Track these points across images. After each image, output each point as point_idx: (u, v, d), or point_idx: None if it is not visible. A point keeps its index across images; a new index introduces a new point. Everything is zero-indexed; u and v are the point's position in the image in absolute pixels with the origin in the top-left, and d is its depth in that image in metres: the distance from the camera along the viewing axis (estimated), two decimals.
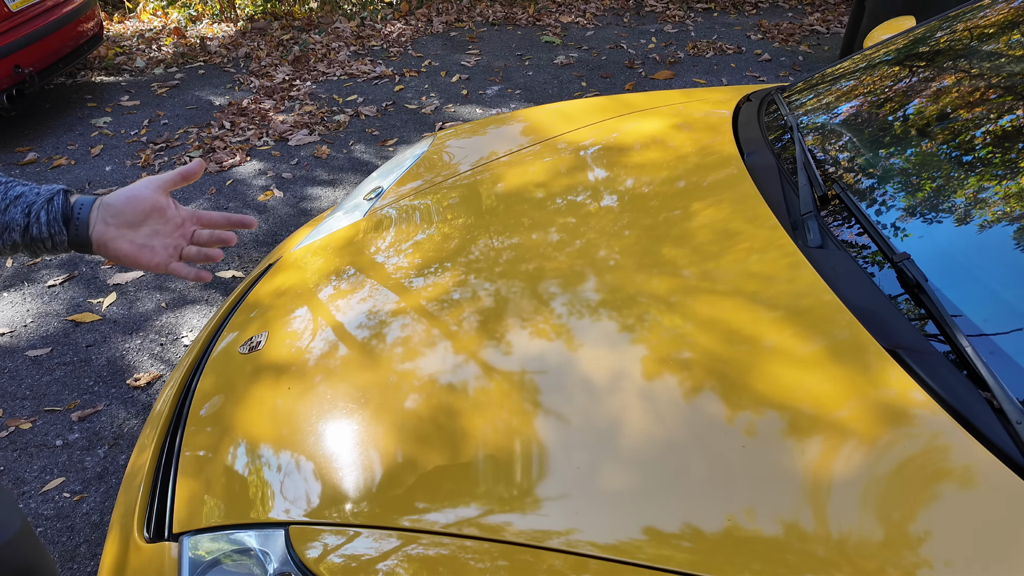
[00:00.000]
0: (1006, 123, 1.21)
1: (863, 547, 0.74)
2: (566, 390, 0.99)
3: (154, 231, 0.86)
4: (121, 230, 0.84)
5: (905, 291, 1.01)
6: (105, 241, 0.83)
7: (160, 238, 0.87)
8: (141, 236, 0.85)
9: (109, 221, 0.83)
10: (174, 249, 0.88)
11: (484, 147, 1.80)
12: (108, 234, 0.83)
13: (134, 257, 0.85)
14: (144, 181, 0.86)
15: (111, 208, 0.83)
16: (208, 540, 0.95)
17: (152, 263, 0.86)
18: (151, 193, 0.85)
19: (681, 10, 6.04)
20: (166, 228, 0.87)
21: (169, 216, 0.87)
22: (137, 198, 0.84)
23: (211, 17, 5.98)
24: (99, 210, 0.83)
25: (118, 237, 0.84)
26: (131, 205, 0.84)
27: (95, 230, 0.82)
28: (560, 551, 0.80)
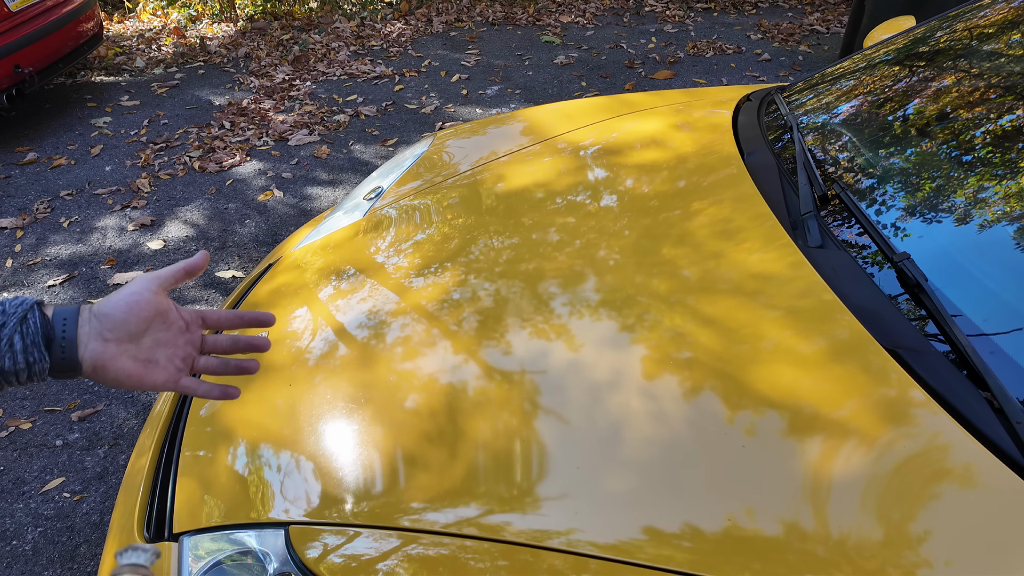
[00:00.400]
0: (1006, 123, 1.21)
1: (863, 547, 0.74)
2: (566, 390, 0.99)
3: (156, 341, 0.69)
4: (123, 345, 0.67)
5: (905, 291, 1.01)
6: (104, 362, 0.65)
7: (164, 349, 0.70)
8: (144, 350, 0.68)
9: (108, 336, 0.66)
10: (182, 362, 0.72)
11: (484, 147, 1.80)
12: (107, 353, 0.65)
13: (139, 378, 0.67)
14: (142, 280, 0.70)
15: (110, 320, 0.66)
16: (208, 540, 0.95)
17: (159, 381, 0.69)
18: (153, 295, 0.69)
19: (681, 10, 6.04)
20: (168, 336, 0.70)
21: (171, 321, 0.71)
22: (139, 304, 0.68)
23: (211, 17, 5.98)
24: (91, 323, 0.66)
25: (119, 355, 0.66)
26: (133, 313, 0.67)
27: (89, 350, 0.65)
28: (560, 551, 0.80)
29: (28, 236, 3.09)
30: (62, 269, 2.87)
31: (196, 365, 0.73)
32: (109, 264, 2.89)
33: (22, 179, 3.54)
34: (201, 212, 3.25)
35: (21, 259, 2.93)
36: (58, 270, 2.87)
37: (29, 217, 3.20)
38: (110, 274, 2.84)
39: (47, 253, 2.97)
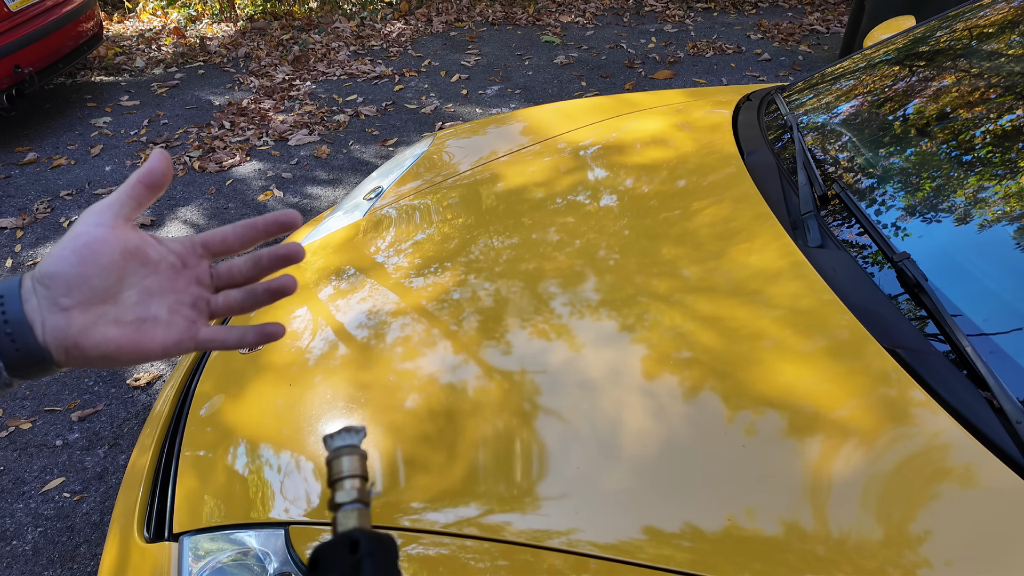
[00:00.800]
0: (1006, 123, 1.21)
1: (863, 547, 0.74)
2: (566, 390, 0.99)
3: (144, 292, 0.50)
4: (94, 309, 0.48)
5: (905, 291, 1.01)
6: (75, 338, 0.47)
7: (160, 299, 0.51)
8: (130, 308, 0.49)
9: (66, 303, 0.47)
10: (192, 309, 0.52)
11: (484, 147, 1.80)
12: (75, 325, 0.47)
13: (136, 346, 0.49)
14: (89, 215, 0.49)
15: (60, 280, 0.47)
16: (208, 540, 0.95)
17: (169, 343, 0.50)
18: (110, 231, 0.49)
19: (681, 10, 6.04)
20: (160, 280, 0.51)
21: (154, 259, 0.51)
22: (93, 248, 0.48)
23: (211, 17, 5.98)
24: (38, 293, 0.47)
25: (95, 323, 0.48)
26: (89, 262, 0.48)
27: (48, 329, 0.46)
28: (560, 551, 0.80)
29: (28, 236, 3.09)
30: None
31: (213, 307, 0.54)
32: None
33: (22, 179, 3.54)
34: (201, 212, 3.25)
35: (21, 259, 2.93)
36: None
37: (29, 217, 3.20)
38: None
39: (47, 253, 2.97)
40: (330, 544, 0.36)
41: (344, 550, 0.35)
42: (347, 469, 0.38)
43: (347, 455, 0.38)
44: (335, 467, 0.38)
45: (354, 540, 0.35)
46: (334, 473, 0.38)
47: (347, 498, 0.37)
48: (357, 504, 0.37)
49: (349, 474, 0.38)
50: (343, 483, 0.38)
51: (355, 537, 0.35)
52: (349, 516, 0.37)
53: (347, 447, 0.38)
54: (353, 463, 0.38)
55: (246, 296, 0.54)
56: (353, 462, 0.38)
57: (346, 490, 0.38)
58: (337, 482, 0.38)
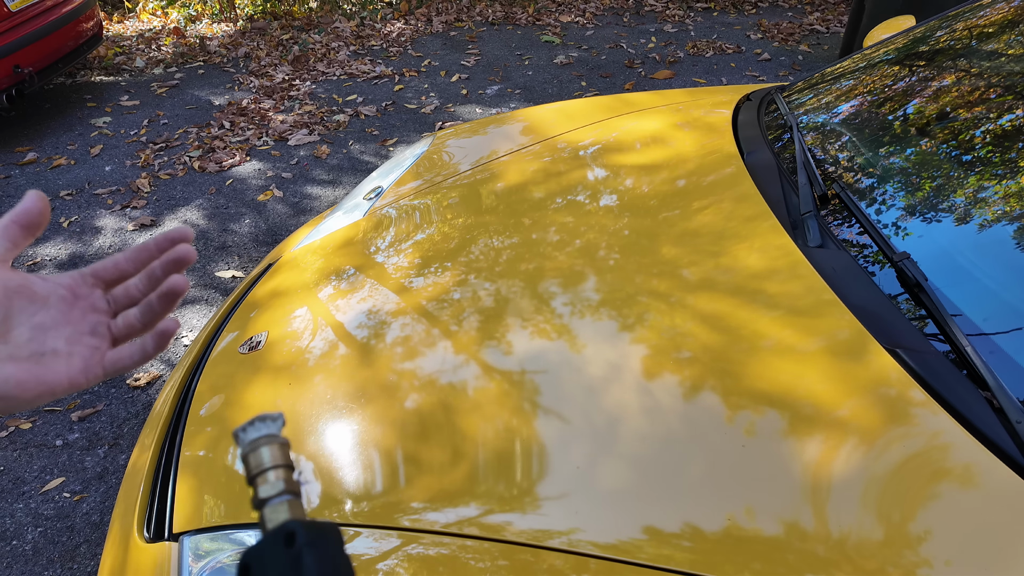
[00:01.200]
0: (1006, 123, 1.21)
1: (863, 546, 0.74)
2: (566, 390, 0.99)
3: (37, 328, 0.48)
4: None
5: (905, 290, 1.01)
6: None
7: (56, 332, 0.48)
8: (24, 345, 0.47)
9: None
10: (94, 336, 0.50)
11: (484, 147, 1.80)
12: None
13: (38, 381, 0.46)
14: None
15: None
16: (208, 540, 0.95)
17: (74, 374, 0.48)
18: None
19: (681, 10, 6.04)
20: (52, 314, 0.49)
21: (41, 295, 0.49)
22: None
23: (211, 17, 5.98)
24: None
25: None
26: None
27: None
28: (560, 551, 0.80)
29: None
30: (62, 269, 2.87)
31: (115, 331, 0.52)
32: None
33: (22, 179, 3.54)
34: (201, 212, 3.25)
35: (21, 259, 2.93)
36: (58, 270, 2.87)
37: None
38: None
39: (47, 253, 2.97)
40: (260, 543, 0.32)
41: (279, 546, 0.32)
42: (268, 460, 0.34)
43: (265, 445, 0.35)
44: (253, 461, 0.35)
45: (289, 532, 0.32)
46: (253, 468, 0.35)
47: (273, 491, 0.34)
48: (285, 495, 0.34)
49: (271, 465, 0.34)
50: (266, 476, 0.34)
51: (290, 528, 0.32)
52: (278, 510, 0.33)
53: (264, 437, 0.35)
54: (274, 453, 0.35)
55: (142, 310, 0.52)
56: (274, 452, 0.35)
57: (270, 483, 0.34)
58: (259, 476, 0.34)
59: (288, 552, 0.31)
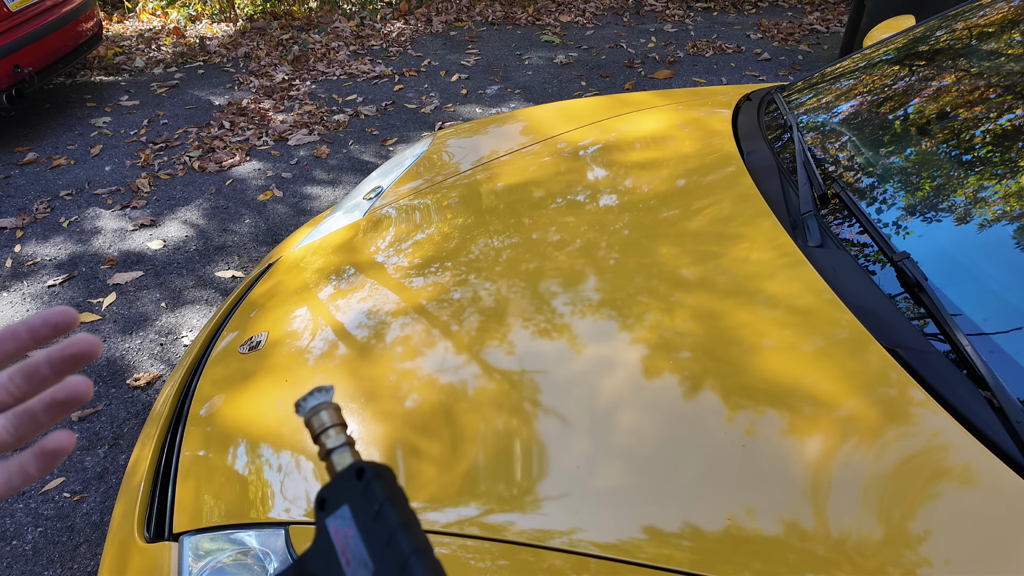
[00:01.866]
0: (1005, 122, 1.21)
1: (863, 546, 0.74)
2: (566, 389, 0.99)
3: None
4: None
5: (905, 290, 1.01)
6: None
7: None
8: None
9: None
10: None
11: (484, 146, 1.80)
12: None
13: None
14: None
15: None
16: (208, 540, 0.95)
17: None
18: None
19: (680, 9, 6.04)
20: None
21: None
22: None
23: (210, 17, 5.98)
24: None
25: None
26: None
27: None
28: (561, 550, 0.80)
29: (28, 236, 3.09)
30: (62, 269, 2.87)
31: None
32: (109, 264, 2.89)
33: (22, 179, 3.54)
34: (201, 212, 3.25)
35: (21, 259, 2.93)
36: (58, 270, 2.86)
37: (29, 217, 3.20)
38: (110, 274, 2.84)
39: (47, 253, 2.97)
40: (335, 480, 0.38)
41: (351, 480, 0.37)
42: (328, 420, 0.40)
43: (324, 410, 0.41)
44: (316, 423, 0.40)
45: (359, 468, 0.37)
46: (316, 428, 0.40)
47: (336, 443, 0.40)
48: (346, 446, 0.40)
49: (331, 424, 0.40)
50: (328, 432, 0.40)
51: (359, 466, 0.38)
52: (343, 455, 0.39)
53: (321, 403, 0.41)
54: (332, 415, 0.41)
55: (17, 421, 0.38)
56: (331, 414, 0.41)
57: (332, 437, 0.40)
58: (322, 433, 0.40)
59: (359, 483, 0.37)
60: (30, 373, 0.38)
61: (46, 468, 0.38)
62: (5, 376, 0.38)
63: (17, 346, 0.39)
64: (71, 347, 0.38)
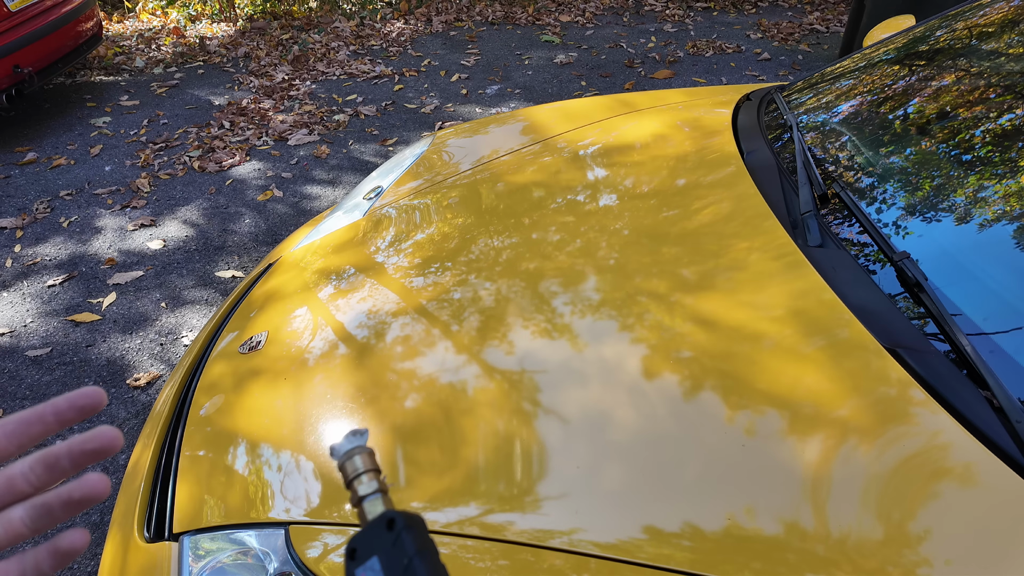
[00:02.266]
0: (1005, 122, 1.21)
1: (863, 546, 0.74)
2: (566, 389, 0.99)
3: None
4: None
5: (905, 290, 1.01)
6: None
7: None
8: None
9: None
10: None
11: (484, 146, 1.80)
12: None
13: None
14: None
15: None
16: (208, 540, 0.95)
17: None
18: None
19: (680, 9, 6.04)
20: None
21: None
22: None
23: (210, 17, 5.98)
24: None
25: None
26: None
27: None
28: (561, 550, 0.80)
29: (28, 236, 3.09)
30: (62, 269, 2.87)
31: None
32: (109, 264, 2.89)
33: (22, 179, 3.54)
34: (201, 212, 3.25)
35: (21, 259, 2.93)
36: (58, 270, 2.87)
37: (29, 217, 3.20)
38: (110, 274, 2.84)
39: (47, 253, 2.97)
40: (366, 530, 0.38)
41: (382, 530, 0.37)
42: (362, 466, 0.40)
43: (358, 454, 0.41)
44: (349, 467, 0.40)
45: (390, 519, 0.37)
46: (349, 473, 0.40)
47: (368, 490, 0.40)
48: (379, 493, 0.40)
49: (365, 470, 0.40)
50: (360, 479, 0.40)
51: (390, 516, 0.37)
52: (375, 503, 0.39)
53: (355, 448, 0.41)
54: (365, 460, 0.41)
55: (34, 513, 0.36)
56: (365, 459, 0.41)
57: (365, 483, 0.40)
58: (355, 479, 0.40)
59: (390, 534, 0.37)
60: (51, 464, 0.38)
61: (60, 565, 0.37)
62: (27, 465, 0.38)
63: (42, 430, 0.39)
64: (92, 442, 0.37)
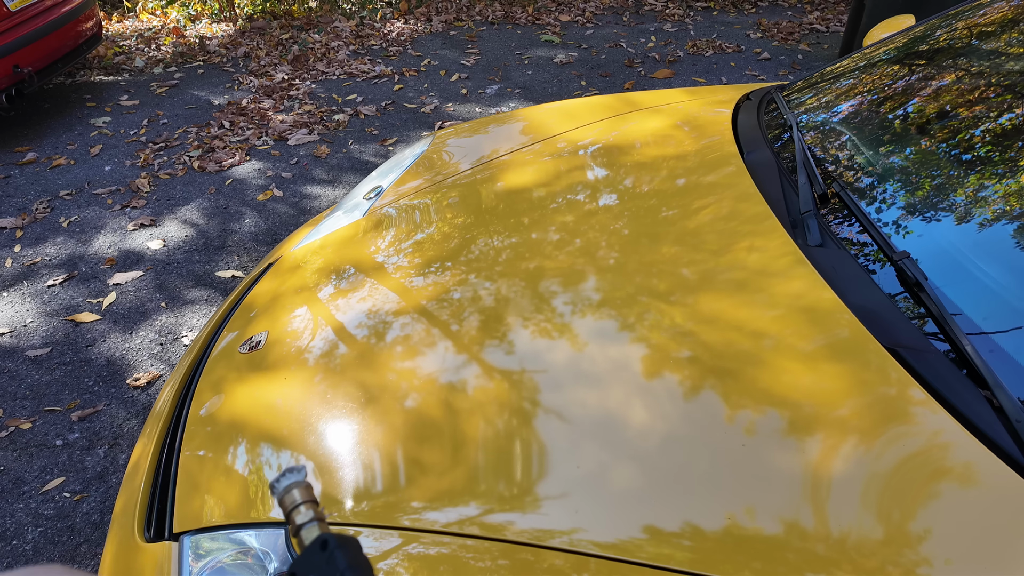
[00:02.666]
0: (1005, 122, 1.21)
1: (863, 545, 0.74)
2: (566, 389, 0.99)
3: None
4: None
5: (905, 290, 1.01)
6: None
7: None
8: None
9: None
10: None
11: (484, 146, 1.80)
12: None
13: None
14: None
15: None
16: (208, 540, 0.95)
17: None
18: None
19: (680, 9, 6.04)
20: None
21: None
22: None
23: (210, 16, 5.98)
24: None
25: None
26: None
27: None
28: (561, 550, 0.80)
29: (28, 236, 3.09)
30: (62, 269, 2.87)
31: None
32: (109, 264, 2.89)
33: (22, 179, 3.54)
34: (201, 212, 3.25)
35: (21, 259, 2.93)
36: (58, 270, 2.86)
37: (29, 217, 3.20)
38: (110, 274, 2.83)
39: (47, 253, 2.97)
40: (304, 554, 0.41)
41: (316, 552, 0.40)
42: (299, 498, 0.44)
43: (295, 488, 0.44)
44: (288, 500, 0.44)
45: (323, 540, 0.41)
46: (288, 506, 0.44)
47: (305, 519, 0.43)
48: (315, 520, 0.43)
49: (301, 501, 0.44)
50: (298, 509, 0.44)
51: (323, 538, 0.41)
52: (311, 530, 0.43)
53: (293, 483, 0.45)
54: (302, 492, 0.44)
55: None
56: (301, 491, 0.44)
57: (302, 513, 0.44)
58: (293, 510, 0.44)
59: (324, 554, 0.40)
60: None
61: None
62: None
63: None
64: None
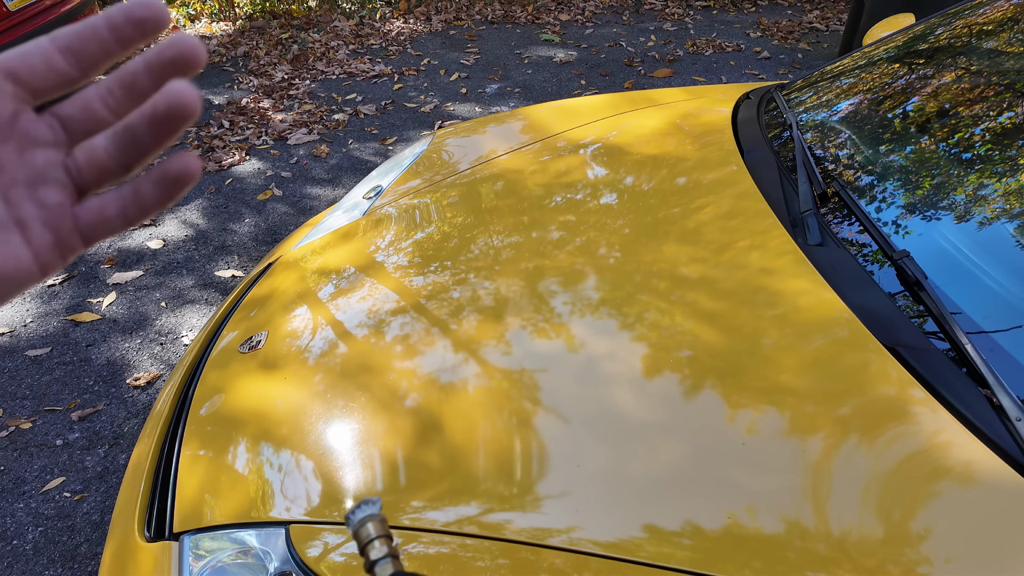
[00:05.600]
0: (1005, 120, 1.21)
1: (863, 544, 0.74)
2: (566, 388, 0.99)
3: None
4: None
5: (905, 289, 1.01)
6: None
7: None
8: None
9: None
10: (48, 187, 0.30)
11: (484, 145, 1.80)
12: None
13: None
14: None
15: None
16: (209, 539, 0.95)
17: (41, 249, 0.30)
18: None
19: (680, 8, 6.04)
20: None
21: None
22: None
23: (210, 16, 5.97)
24: None
25: None
26: None
27: None
28: (561, 549, 0.81)
29: None
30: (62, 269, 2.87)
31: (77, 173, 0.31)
32: (109, 264, 2.89)
33: None
34: (200, 211, 3.25)
35: None
36: None
37: None
38: (109, 273, 2.83)
39: None
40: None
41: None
42: (373, 532, 0.44)
43: (370, 522, 0.44)
44: (362, 534, 0.44)
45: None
46: (362, 539, 0.43)
47: (379, 555, 0.43)
48: (389, 557, 0.43)
49: (376, 536, 0.43)
50: (372, 544, 0.43)
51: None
52: (385, 567, 0.42)
53: (368, 516, 0.44)
54: (376, 527, 0.44)
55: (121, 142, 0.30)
56: (376, 526, 0.44)
57: (377, 548, 0.43)
58: (367, 545, 0.43)
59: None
60: (128, 83, 0.30)
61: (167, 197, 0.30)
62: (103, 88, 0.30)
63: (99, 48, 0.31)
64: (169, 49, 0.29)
